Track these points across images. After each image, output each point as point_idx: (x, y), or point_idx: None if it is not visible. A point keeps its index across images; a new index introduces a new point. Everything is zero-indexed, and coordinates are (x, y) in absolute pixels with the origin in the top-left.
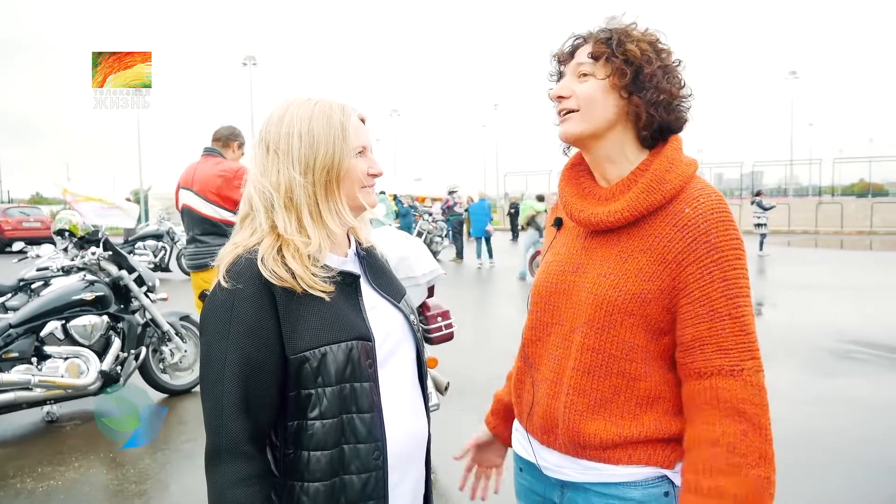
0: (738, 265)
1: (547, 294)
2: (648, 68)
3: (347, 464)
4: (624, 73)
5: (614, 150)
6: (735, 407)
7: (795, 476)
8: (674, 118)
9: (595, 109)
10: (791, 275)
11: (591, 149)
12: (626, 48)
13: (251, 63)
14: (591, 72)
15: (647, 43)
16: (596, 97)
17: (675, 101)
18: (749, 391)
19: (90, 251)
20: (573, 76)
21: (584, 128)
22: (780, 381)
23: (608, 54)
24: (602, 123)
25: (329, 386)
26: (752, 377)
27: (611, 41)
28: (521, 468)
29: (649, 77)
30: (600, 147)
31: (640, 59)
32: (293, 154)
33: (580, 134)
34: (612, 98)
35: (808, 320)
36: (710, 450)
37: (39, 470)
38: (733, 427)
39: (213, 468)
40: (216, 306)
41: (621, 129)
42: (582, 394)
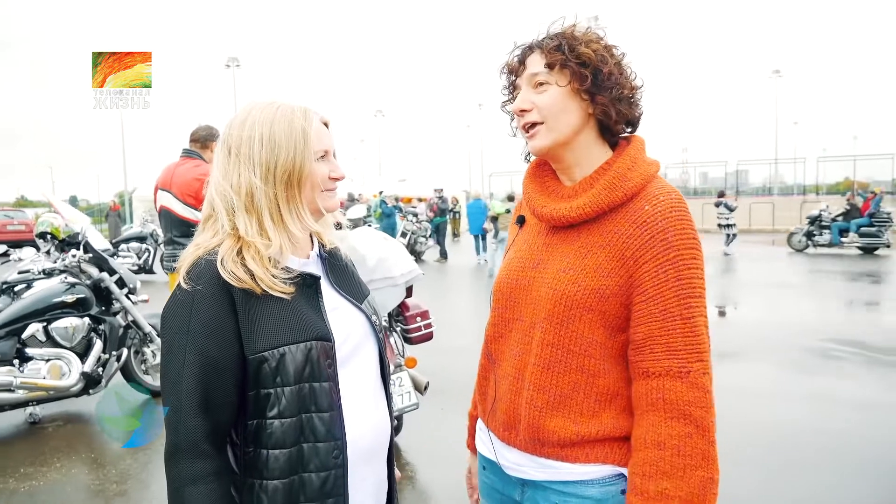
0: (694, 265)
1: (508, 290)
2: (606, 67)
3: (307, 462)
4: (584, 77)
5: (581, 154)
6: (681, 409)
7: (780, 476)
8: (634, 112)
9: (560, 118)
10: (772, 273)
11: (561, 157)
12: (579, 52)
13: (234, 65)
14: (548, 80)
15: (597, 42)
16: (559, 106)
17: (634, 95)
18: (695, 393)
19: (70, 254)
20: (529, 87)
21: (554, 138)
22: (760, 380)
23: (563, 60)
24: (569, 130)
25: (288, 385)
26: (698, 379)
27: (562, 47)
28: (485, 466)
29: (608, 75)
30: (569, 153)
31: (595, 59)
32: (254, 158)
33: (551, 146)
34: (575, 103)
35: (788, 319)
36: (655, 452)
37: (22, 470)
38: (678, 429)
39: (172, 465)
40: (176, 307)
41: (587, 132)
42: (542, 390)
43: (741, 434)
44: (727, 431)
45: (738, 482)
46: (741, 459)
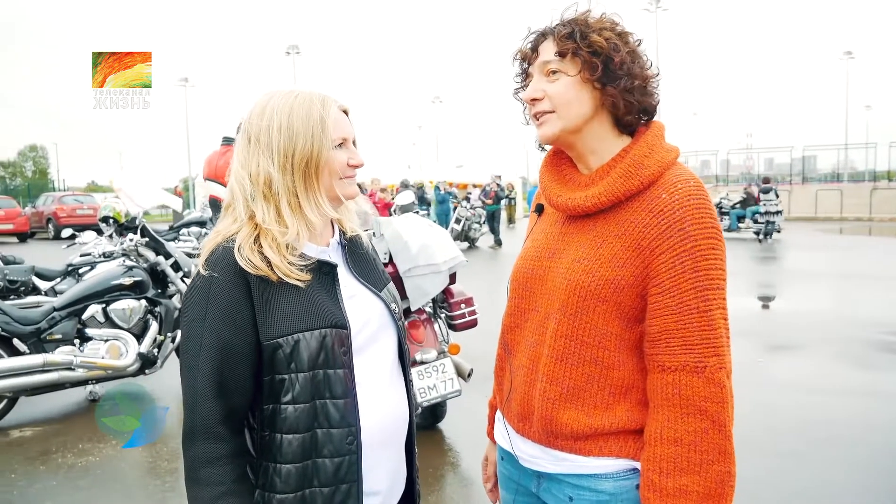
0: (712, 255)
1: (524, 280)
2: (617, 56)
3: (320, 447)
4: (594, 66)
5: (595, 142)
6: (697, 405)
7: (829, 471)
8: (649, 100)
9: (571, 107)
10: (839, 263)
11: (572, 145)
12: (591, 40)
13: (294, 52)
14: (559, 69)
15: (610, 30)
16: (570, 95)
17: (648, 84)
18: (711, 389)
19: (128, 237)
20: (541, 75)
21: (563, 126)
22: (814, 372)
23: (574, 48)
24: (579, 119)
25: (302, 372)
26: (714, 374)
27: (574, 35)
28: (503, 457)
29: (620, 65)
30: (580, 141)
31: (607, 48)
32: (273, 146)
33: (559, 134)
34: (586, 92)
35: (855, 311)
36: (671, 448)
37: (80, 446)
38: (694, 425)
39: (188, 447)
40: (194, 293)
41: (599, 120)
42: (555, 382)
43: (790, 427)
44: (779, 426)
45: (798, 478)
46: (797, 452)
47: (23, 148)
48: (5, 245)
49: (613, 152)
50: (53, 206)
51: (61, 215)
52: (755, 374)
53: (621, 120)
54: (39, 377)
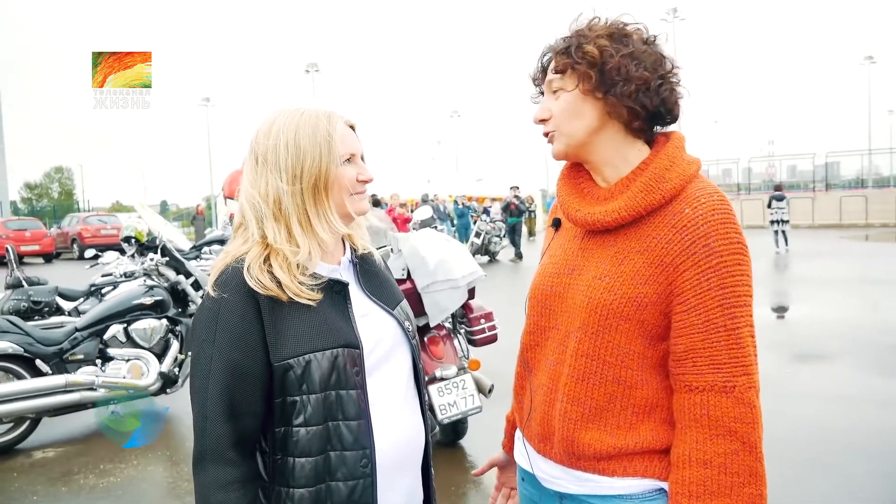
0: (738, 272)
1: (542, 297)
2: (611, 62)
3: (334, 471)
4: (589, 77)
5: (609, 153)
6: (726, 426)
7: (856, 479)
8: (660, 100)
9: (573, 123)
10: (865, 269)
11: (585, 158)
12: (584, 51)
13: (314, 70)
14: (561, 86)
15: (606, 36)
16: (570, 110)
17: (653, 84)
18: (740, 409)
19: (149, 257)
20: (549, 94)
21: (570, 142)
22: (842, 380)
23: (570, 63)
24: (582, 133)
25: (314, 393)
26: (744, 394)
27: (569, 49)
28: (523, 478)
29: (616, 70)
30: (594, 154)
31: (599, 57)
32: (281, 164)
33: (566, 150)
34: (588, 104)
35: (878, 318)
36: (702, 471)
37: (102, 467)
38: (724, 447)
39: (199, 472)
40: (203, 315)
41: (609, 130)
42: (576, 402)
43: (812, 436)
44: (801, 435)
45: (819, 485)
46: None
47: (49, 169)
48: (31, 266)
49: (632, 163)
50: (78, 226)
51: (86, 235)
52: (778, 385)
53: (631, 126)
54: (62, 398)
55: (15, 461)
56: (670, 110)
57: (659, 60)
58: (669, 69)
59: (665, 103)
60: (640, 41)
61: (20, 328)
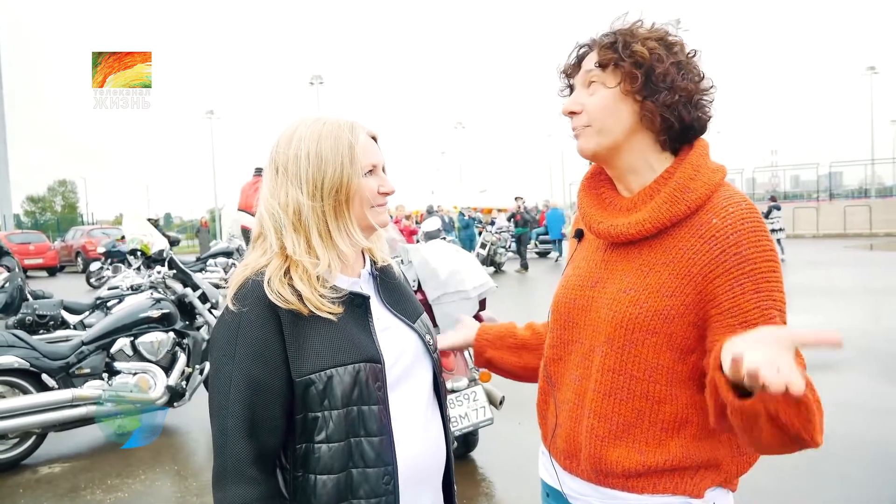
0: (773, 277)
1: (566, 310)
2: (660, 67)
3: (356, 488)
4: (635, 77)
5: (636, 160)
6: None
7: (869, 489)
8: (696, 116)
9: (609, 121)
10: (870, 279)
11: (611, 162)
12: (633, 50)
13: (318, 82)
14: (600, 80)
15: (656, 40)
16: (608, 108)
17: (696, 97)
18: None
19: (156, 270)
20: (582, 88)
21: (601, 142)
22: (852, 390)
23: (615, 59)
24: (619, 135)
25: (335, 409)
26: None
27: (616, 45)
28: (548, 493)
29: (662, 77)
30: (621, 158)
31: (649, 59)
32: (301, 175)
33: (597, 149)
34: (627, 105)
35: (885, 326)
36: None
37: (109, 482)
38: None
39: (219, 489)
40: (223, 329)
41: (641, 136)
42: (603, 418)
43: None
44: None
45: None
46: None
47: (52, 183)
48: (35, 279)
49: (656, 171)
50: (83, 239)
51: (90, 249)
52: None
53: (664, 136)
54: (68, 412)
55: (21, 477)
56: (703, 128)
57: (700, 75)
58: (709, 87)
59: (700, 119)
60: (686, 52)
61: (26, 342)
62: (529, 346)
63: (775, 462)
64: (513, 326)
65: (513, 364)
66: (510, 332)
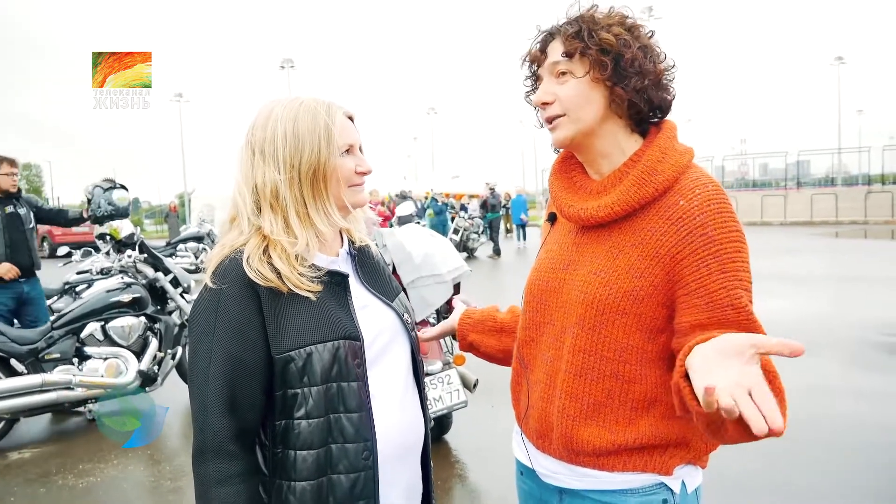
0: (738, 258)
1: (538, 292)
2: (628, 53)
3: (335, 463)
4: (604, 65)
5: (608, 144)
6: None
7: (832, 471)
8: (662, 97)
9: (582, 110)
10: (837, 265)
11: (585, 148)
12: (600, 37)
13: (289, 66)
14: (568, 70)
15: (619, 25)
16: (581, 97)
17: (662, 79)
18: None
19: (126, 254)
20: (551, 77)
21: (577, 128)
22: (823, 375)
23: (582, 48)
24: (592, 122)
25: (315, 385)
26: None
27: (581, 33)
28: (522, 472)
29: (631, 62)
30: (595, 144)
31: (616, 45)
32: (279, 155)
33: (573, 137)
34: (598, 93)
35: (854, 313)
36: None
37: (80, 467)
38: None
39: (199, 465)
40: (202, 307)
41: (612, 121)
42: (574, 398)
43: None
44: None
45: (805, 477)
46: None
47: None
48: None
49: (626, 154)
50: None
51: (56, 234)
52: None
53: (635, 119)
54: (38, 397)
55: None
56: (668, 107)
57: (662, 55)
58: (671, 66)
59: (667, 99)
60: (646, 35)
61: None
62: (507, 329)
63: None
64: (494, 310)
65: (493, 347)
66: (490, 315)
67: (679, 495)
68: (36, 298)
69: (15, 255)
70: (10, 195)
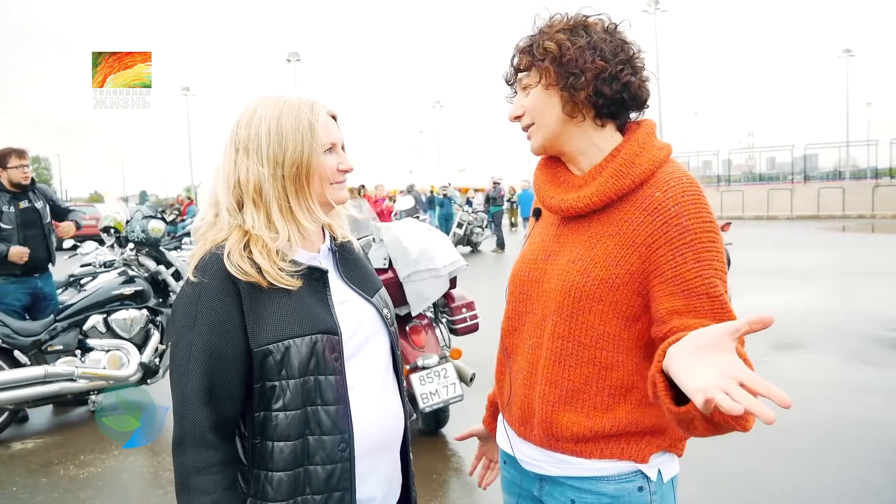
0: (713, 248)
1: (521, 283)
2: (568, 55)
3: (312, 455)
4: (548, 72)
5: (581, 143)
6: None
7: (830, 467)
8: (621, 86)
9: (543, 117)
10: (844, 260)
11: (560, 150)
12: (544, 47)
13: (295, 59)
14: (529, 83)
15: (564, 30)
16: (540, 104)
17: (613, 70)
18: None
19: (129, 247)
20: (521, 92)
21: (543, 135)
22: (819, 369)
23: (531, 61)
24: (555, 126)
25: (292, 378)
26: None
27: (531, 47)
28: (505, 461)
29: (572, 63)
30: (566, 145)
31: (556, 51)
32: (263, 151)
33: (543, 143)
34: (553, 98)
35: (860, 308)
36: None
37: (82, 457)
38: None
39: (178, 455)
40: (183, 301)
41: (578, 121)
42: (554, 384)
43: (796, 425)
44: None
45: (807, 474)
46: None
47: None
48: None
49: (603, 150)
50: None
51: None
52: (760, 372)
53: (599, 114)
54: (41, 389)
55: None
56: (634, 95)
57: (620, 47)
58: (631, 54)
59: (627, 88)
60: (601, 30)
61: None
62: None
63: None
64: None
65: None
66: (491, 401)
67: (655, 483)
68: (49, 294)
69: (31, 251)
70: (24, 188)
